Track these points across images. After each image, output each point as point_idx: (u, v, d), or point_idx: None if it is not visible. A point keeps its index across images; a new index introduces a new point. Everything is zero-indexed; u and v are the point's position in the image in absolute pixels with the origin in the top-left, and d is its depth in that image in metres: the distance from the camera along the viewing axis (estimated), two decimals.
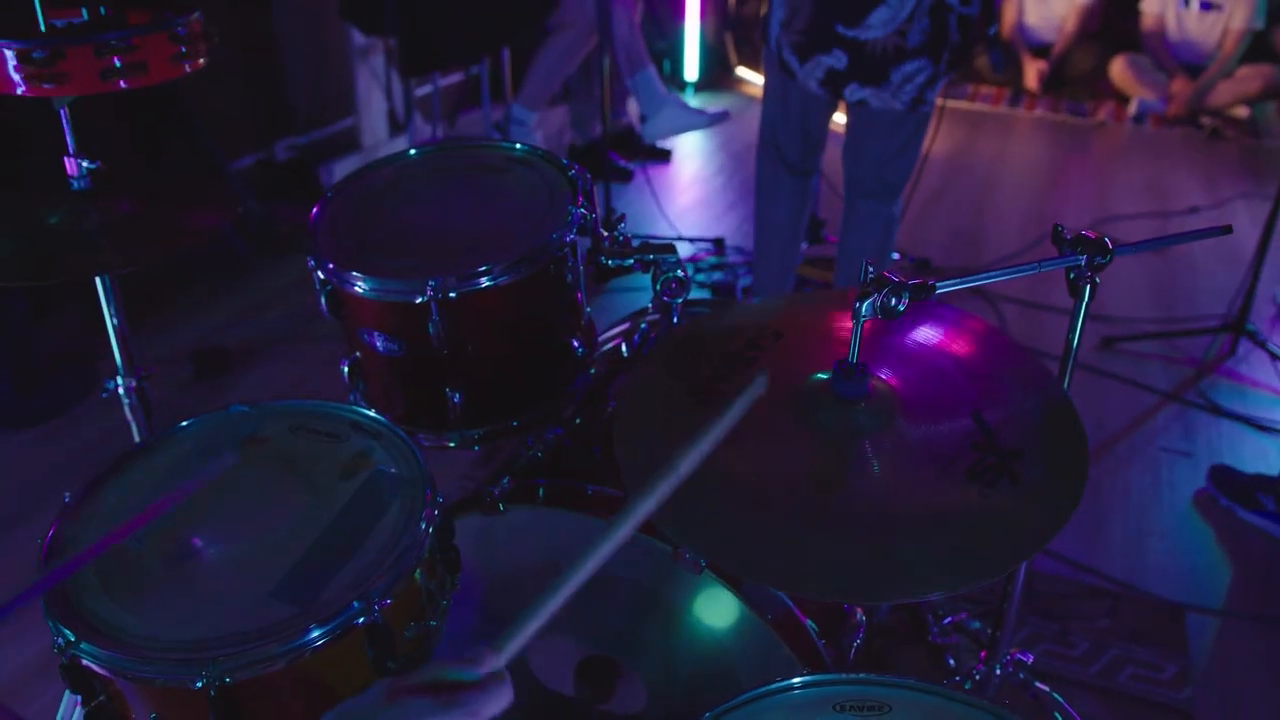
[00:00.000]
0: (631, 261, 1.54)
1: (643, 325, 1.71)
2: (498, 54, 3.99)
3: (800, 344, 1.27)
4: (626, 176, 4.17)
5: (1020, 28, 5.77)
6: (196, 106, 3.47)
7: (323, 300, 1.44)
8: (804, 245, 3.47)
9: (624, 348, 1.68)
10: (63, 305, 2.99)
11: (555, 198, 1.47)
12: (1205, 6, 5.28)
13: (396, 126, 4.45)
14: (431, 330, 1.36)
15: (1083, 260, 1.30)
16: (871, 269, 1.17)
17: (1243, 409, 2.90)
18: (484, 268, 1.35)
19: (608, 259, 1.53)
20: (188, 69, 1.39)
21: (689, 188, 4.35)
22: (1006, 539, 0.93)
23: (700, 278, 3.46)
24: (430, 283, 1.33)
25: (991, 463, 1.01)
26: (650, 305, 1.71)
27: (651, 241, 1.53)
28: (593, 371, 1.58)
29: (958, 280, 1.22)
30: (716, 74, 5.62)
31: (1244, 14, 5.16)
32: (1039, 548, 0.92)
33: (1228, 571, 2.35)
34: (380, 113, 4.40)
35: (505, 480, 1.39)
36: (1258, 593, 2.30)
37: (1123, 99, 5.54)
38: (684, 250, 3.64)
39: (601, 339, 1.72)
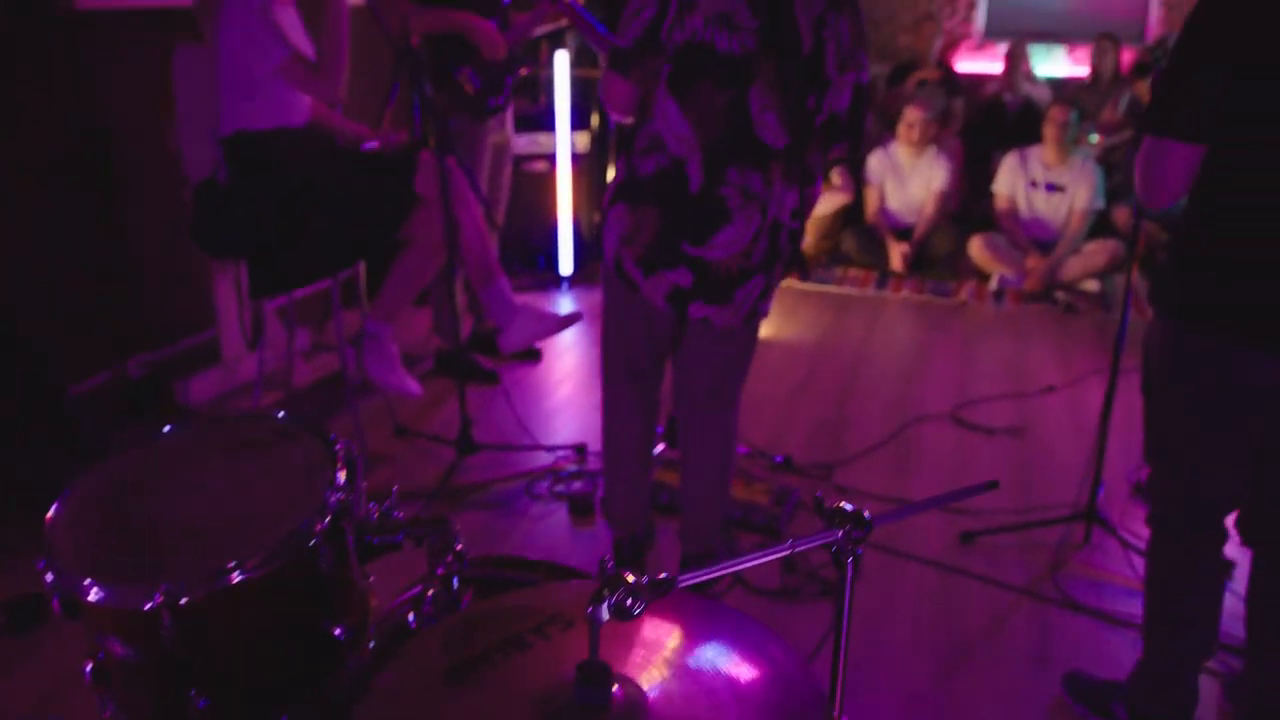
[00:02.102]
0: (400, 538, 1.47)
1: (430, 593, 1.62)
2: (351, 268, 3.97)
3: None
4: (493, 380, 4.13)
5: (883, 211, 6.02)
6: (36, 326, 3.39)
7: (56, 602, 1.34)
8: (664, 447, 3.45)
9: (411, 617, 1.59)
10: None
11: (313, 477, 1.41)
12: (1050, 188, 5.60)
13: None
14: (165, 635, 1.26)
15: (840, 534, 1.27)
16: (611, 565, 1.11)
17: (1098, 602, 2.88)
18: (227, 567, 1.27)
19: (373, 537, 1.46)
20: None
21: (558, 387, 4.33)
22: None
23: (559, 489, 3.40)
24: (162, 587, 1.24)
25: None
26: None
27: (421, 517, 1.47)
28: (372, 645, 1.49)
29: (704, 571, 1.17)
30: (591, 267, 5.71)
31: (1085, 195, 5.49)
32: None
33: None
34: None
35: None
36: None
37: (983, 276, 5.77)
38: (544, 459, 3.59)
39: (391, 606, 1.63)
